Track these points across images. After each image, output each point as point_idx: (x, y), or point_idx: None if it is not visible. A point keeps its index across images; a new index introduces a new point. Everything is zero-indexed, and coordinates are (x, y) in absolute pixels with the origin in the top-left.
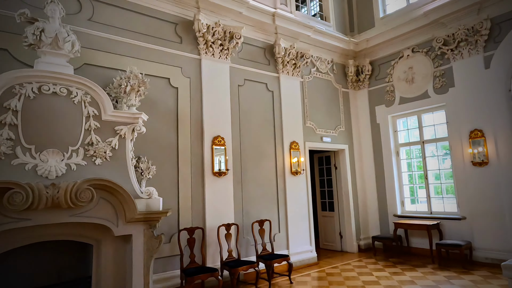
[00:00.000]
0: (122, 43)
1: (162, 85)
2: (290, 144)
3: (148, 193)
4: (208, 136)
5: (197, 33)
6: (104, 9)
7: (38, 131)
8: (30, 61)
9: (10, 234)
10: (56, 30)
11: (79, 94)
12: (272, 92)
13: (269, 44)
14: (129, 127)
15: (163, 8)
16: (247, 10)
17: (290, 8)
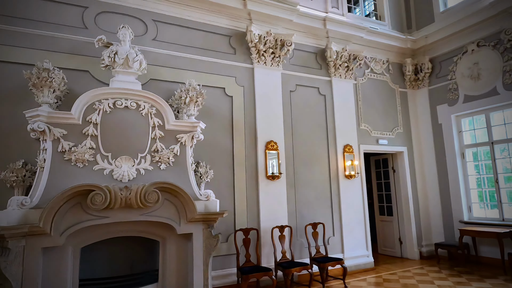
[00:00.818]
0: (182, 58)
1: (218, 94)
2: (343, 147)
3: (206, 196)
4: (261, 141)
5: (249, 44)
6: (166, 29)
7: (114, 140)
8: (106, 80)
9: (92, 229)
10: (127, 51)
11: (146, 107)
12: (324, 96)
13: (321, 48)
14: (189, 135)
15: (218, 22)
16: (298, 17)
17: (341, 10)
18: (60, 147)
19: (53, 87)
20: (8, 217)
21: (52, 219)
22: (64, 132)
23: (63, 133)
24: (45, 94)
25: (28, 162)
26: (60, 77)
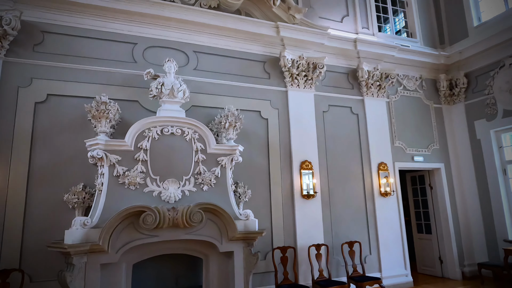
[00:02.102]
0: (220, 85)
1: (254, 117)
2: (378, 165)
3: (245, 215)
4: (296, 161)
5: (283, 68)
6: (205, 58)
7: (161, 164)
8: (153, 108)
9: (143, 247)
10: (172, 82)
11: (190, 133)
12: (356, 115)
13: (352, 69)
14: (229, 157)
15: (253, 50)
16: (329, 40)
17: (372, 30)
18: (115, 171)
19: (109, 118)
20: (72, 235)
21: (109, 238)
22: (119, 158)
23: (118, 159)
24: (103, 124)
25: (87, 185)
26: (115, 109)
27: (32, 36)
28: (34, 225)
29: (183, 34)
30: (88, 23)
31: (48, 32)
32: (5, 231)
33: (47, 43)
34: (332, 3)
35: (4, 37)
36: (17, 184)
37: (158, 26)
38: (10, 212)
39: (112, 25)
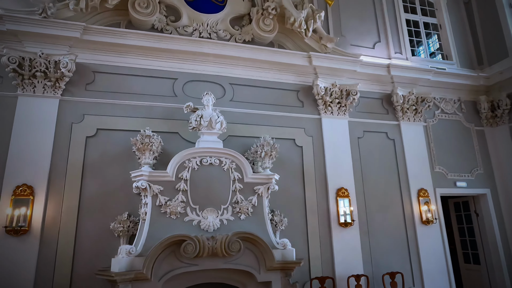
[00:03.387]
0: (255, 115)
1: (289, 146)
2: (417, 191)
3: (283, 244)
4: (332, 188)
5: (316, 96)
6: (241, 90)
7: (201, 194)
8: (192, 139)
9: (183, 276)
10: (210, 115)
11: (227, 162)
12: (393, 140)
13: (386, 94)
14: (265, 186)
15: (286, 79)
16: (362, 67)
17: (405, 54)
18: (158, 201)
19: (152, 150)
20: (119, 263)
21: (152, 266)
22: (161, 188)
23: (160, 189)
24: (146, 156)
25: (132, 214)
26: (158, 141)
27: (84, 76)
28: (84, 252)
29: (219, 67)
30: (133, 62)
31: (98, 72)
32: (58, 258)
33: (98, 82)
34: (363, 31)
35: (61, 79)
36: (69, 213)
37: (197, 61)
38: (62, 240)
39: (155, 63)
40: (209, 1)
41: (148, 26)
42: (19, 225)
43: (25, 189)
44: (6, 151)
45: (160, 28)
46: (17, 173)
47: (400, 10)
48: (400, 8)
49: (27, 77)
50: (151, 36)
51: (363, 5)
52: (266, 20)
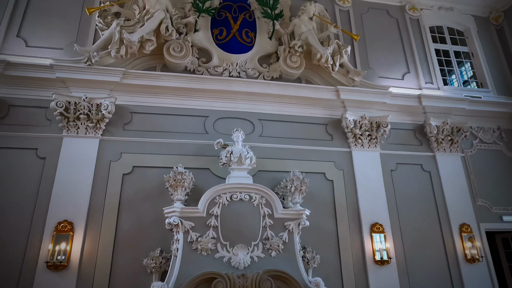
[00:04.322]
0: (285, 149)
1: (319, 180)
2: (459, 227)
3: (316, 284)
4: (366, 224)
5: (345, 129)
6: (270, 125)
7: (231, 230)
8: (222, 174)
9: None
10: (240, 150)
11: (257, 198)
12: (428, 172)
13: (419, 125)
14: (296, 222)
15: (314, 113)
16: (391, 98)
17: (436, 84)
18: (189, 237)
19: (184, 186)
20: None
21: None
22: (192, 224)
23: (192, 225)
24: (179, 193)
25: (164, 250)
26: (190, 178)
27: (123, 117)
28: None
29: (249, 104)
30: (167, 102)
31: (135, 112)
32: None
33: (135, 122)
34: (391, 62)
35: (102, 120)
36: (105, 249)
37: (227, 99)
38: (98, 275)
39: (187, 102)
40: (238, 42)
41: (181, 68)
42: (59, 260)
43: (66, 225)
44: (50, 189)
45: (193, 69)
46: (59, 210)
47: (428, 40)
48: (428, 38)
49: (72, 119)
50: (184, 78)
51: (389, 38)
52: (293, 57)
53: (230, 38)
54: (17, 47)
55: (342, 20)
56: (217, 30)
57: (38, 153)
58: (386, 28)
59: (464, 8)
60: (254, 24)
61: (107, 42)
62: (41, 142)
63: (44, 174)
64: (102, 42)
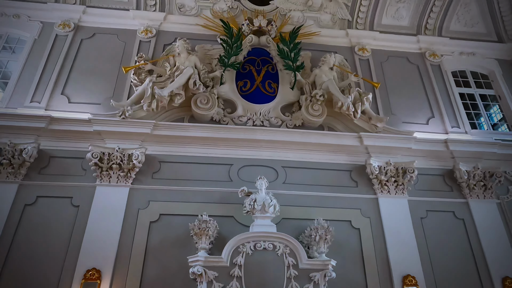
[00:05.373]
0: (308, 196)
1: (345, 228)
2: (502, 280)
3: None
4: (396, 276)
5: (370, 176)
6: (293, 172)
7: (254, 280)
8: (246, 222)
9: None
10: (263, 198)
11: (281, 247)
12: (462, 220)
13: (448, 170)
14: (321, 273)
15: (338, 160)
16: (416, 144)
17: (463, 128)
18: None
19: (208, 235)
20: None
21: None
22: (216, 274)
23: (215, 275)
24: (203, 241)
25: None
26: (214, 226)
27: (152, 166)
28: None
29: (272, 152)
30: (194, 151)
31: (164, 162)
32: None
33: (163, 171)
34: (415, 108)
35: (132, 169)
36: None
37: (251, 147)
38: None
39: (213, 151)
40: (261, 93)
41: (208, 118)
42: None
43: (94, 273)
44: (82, 237)
45: (218, 119)
46: (89, 258)
47: (451, 85)
48: (451, 83)
49: (105, 169)
50: (210, 128)
51: (411, 83)
52: (315, 106)
53: (254, 89)
54: (61, 103)
55: (362, 68)
56: (242, 82)
57: (72, 201)
58: (407, 75)
59: (486, 53)
60: (277, 75)
61: (140, 97)
62: (76, 191)
63: (77, 222)
64: (135, 97)
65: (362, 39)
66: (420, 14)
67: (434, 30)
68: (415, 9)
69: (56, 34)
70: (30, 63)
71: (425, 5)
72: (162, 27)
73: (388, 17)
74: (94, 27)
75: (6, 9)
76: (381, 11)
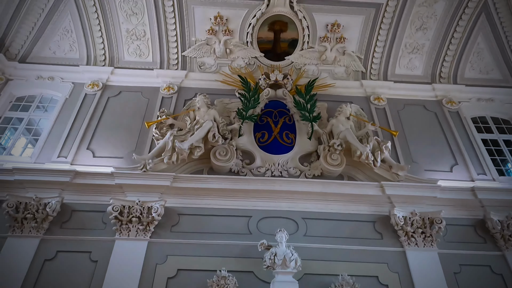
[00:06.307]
0: (331, 250)
1: (372, 284)
2: None
3: None
4: None
5: (395, 227)
6: (314, 224)
7: None
8: (266, 278)
9: None
10: (284, 252)
11: None
12: (500, 275)
13: (478, 220)
14: None
15: (360, 210)
16: (441, 192)
17: (490, 175)
18: None
19: None
20: None
21: None
22: None
23: None
24: None
25: None
26: (233, 283)
27: (171, 219)
28: None
29: (291, 203)
30: (212, 203)
31: (182, 214)
32: None
33: (181, 224)
34: (436, 155)
35: (152, 222)
36: None
37: (270, 198)
38: None
39: (231, 202)
40: (279, 143)
41: (226, 170)
42: None
43: None
44: None
45: (237, 171)
46: None
47: (472, 131)
48: (472, 129)
49: (125, 223)
50: (229, 179)
51: (430, 131)
52: (333, 155)
53: (272, 140)
54: (86, 158)
55: (379, 117)
56: (260, 133)
57: (91, 256)
58: (425, 122)
59: (505, 98)
60: (294, 126)
61: (161, 150)
62: (95, 245)
63: (95, 277)
64: (156, 151)
65: (377, 89)
66: (433, 63)
67: (449, 78)
68: (428, 59)
69: (85, 93)
70: (60, 121)
71: (438, 54)
72: (184, 84)
73: (402, 68)
74: (121, 85)
75: (42, 72)
76: (394, 62)
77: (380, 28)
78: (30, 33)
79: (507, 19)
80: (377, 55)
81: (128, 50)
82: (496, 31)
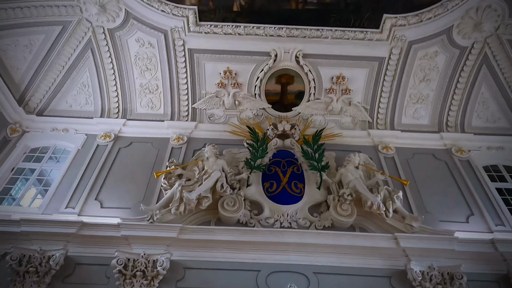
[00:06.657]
0: None
1: None
2: None
3: None
4: None
5: (413, 283)
6: (327, 279)
7: None
8: None
9: None
10: None
11: None
12: None
13: (502, 275)
14: None
15: (374, 264)
16: (459, 244)
17: (509, 226)
18: None
19: None
20: None
21: None
22: None
23: None
24: None
25: None
26: None
27: (176, 273)
28: None
29: (302, 256)
30: (220, 256)
31: (188, 268)
32: None
33: (187, 278)
34: (450, 205)
35: (156, 277)
36: None
37: (279, 251)
38: None
39: (239, 255)
40: (288, 193)
41: (234, 221)
42: None
43: None
44: None
45: (245, 222)
46: None
47: (486, 180)
48: (485, 178)
49: (129, 277)
50: (237, 231)
51: (442, 180)
52: (343, 205)
53: (280, 190)
54: (94, 208)
55: (388, 166)
56: (268, 183)
57: None
58: (436, 171)
59: None
60: (302, 176)
61: (169, 200)
62: None
63: None
64: (164, 201)
65: (384, 138)
66: (439, 112)
67: (456, 127)
68: (433, 108)
69: (97, 144)
70: (70, 171)
71: (443, 104)
72: (193, 134)
73: (408, 117)
74: (132, 136)
75: (57, 124)
76: (400, 112)
77: (384, 80)
78: (49, 88)
79: (509, 69)
80: (382, 106)
81: (141, 103)
82: (499, 81)
